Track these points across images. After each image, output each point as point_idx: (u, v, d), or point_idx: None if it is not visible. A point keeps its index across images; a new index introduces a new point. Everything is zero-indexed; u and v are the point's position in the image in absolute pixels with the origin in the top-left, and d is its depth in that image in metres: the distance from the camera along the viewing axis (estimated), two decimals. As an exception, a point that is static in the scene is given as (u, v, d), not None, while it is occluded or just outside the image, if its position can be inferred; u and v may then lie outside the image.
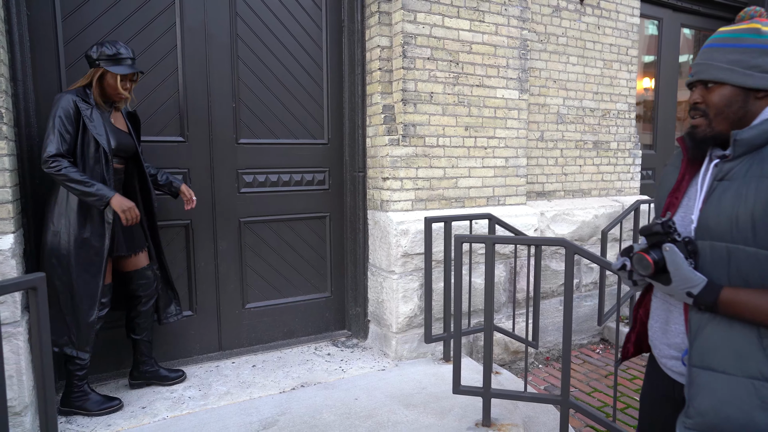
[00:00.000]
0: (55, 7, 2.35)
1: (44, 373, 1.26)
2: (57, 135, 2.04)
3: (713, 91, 1.05)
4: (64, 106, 2.06)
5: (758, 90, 1.02)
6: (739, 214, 0.97)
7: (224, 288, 2.88)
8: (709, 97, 1.06)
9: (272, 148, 2.93)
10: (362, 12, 2.99)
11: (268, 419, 2.24)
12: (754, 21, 1.05)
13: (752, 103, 1.03)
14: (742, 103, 1.03)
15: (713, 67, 1.05)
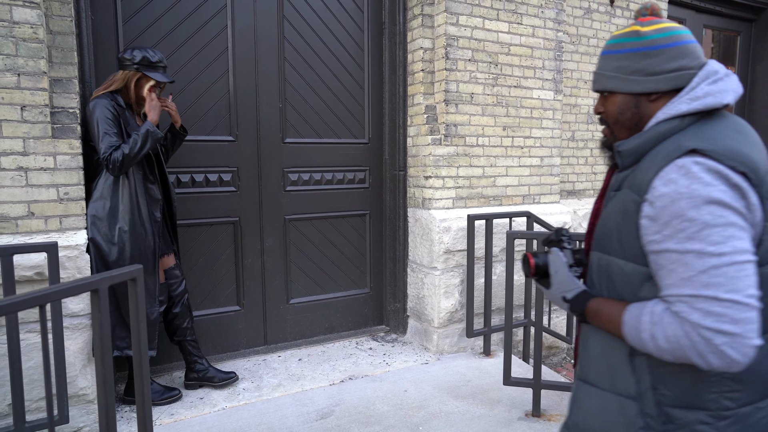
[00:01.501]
0: (116, 12, 2.43)
1: (104, 364, 1.32)
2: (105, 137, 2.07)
3: (608, 100, 1.02)
4: (105, 111, 2.08)
5: (649, 93, 0.96)
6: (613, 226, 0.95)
7: (270, 284, 2.96)
8: (606, 106, 1.03)
9: (316, 147, 3.01)
10: (404, 14, 3.06)
11: (323, 409, 2.31)
12: (635, 23, 0.99)
13: (646, 107, 0.97)
14: (636, 109, 0.98)
15: (603, 77, 1.02)
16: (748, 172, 0.82)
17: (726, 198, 0.81)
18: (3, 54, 1.90)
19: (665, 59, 0.94)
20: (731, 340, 0.78)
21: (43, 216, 2.03)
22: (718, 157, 0.83)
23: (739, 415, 0.87)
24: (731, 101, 0.91)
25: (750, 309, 0.79)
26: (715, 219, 0.80)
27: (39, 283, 1.94)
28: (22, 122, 1.96)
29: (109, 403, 1.35)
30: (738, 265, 0.79)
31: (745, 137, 0.89)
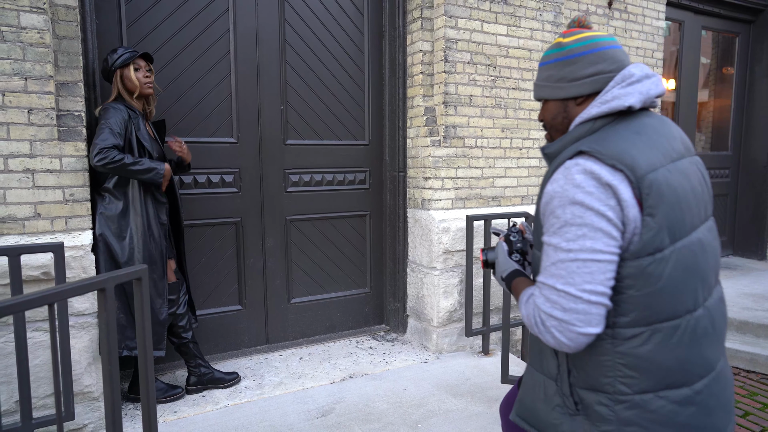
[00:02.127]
0: (120, 16, 2.47)
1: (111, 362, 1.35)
2: (110, 132, 2.06)
3: (544, 107, 1.12)
4: (116, 113, 2.10)
5: (575, 98, 1.05)
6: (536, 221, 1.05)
7: (271, 283, 3.00)
8: (543, 113, 1.13)
9: (317, 148, 3.05)
10: (403, 18, 3.10)
11: (324, 407, 2.35)
12: (559, 36, 1.09)
13: (573, 111, 1.06)
14: (565, 113, 1.07)
15: (537, 87, 1.13)
16: (625, 170, 0.89)
17: (588, 200, 0.89)
18: (11, 58, 1.94)
19: (584, 65, 1.03)
20: (559, 325, 0.90)
21: (50, 217, 2.07)
22: (600, 157, 0.91)
23: (636, 401, 0.92)
24: (634, 103, 0.96)
25: (581, 301, 0.88)
26: (573, 219, 0.90)
27: (45, 283, 1.98)
28: (29, 125, 2.00)
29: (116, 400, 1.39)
30: (580, 261, 0.88)
31: (642, 137, 0.95)
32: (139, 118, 2.23)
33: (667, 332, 0.91)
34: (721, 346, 0.99)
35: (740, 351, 3.19)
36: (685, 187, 0.94)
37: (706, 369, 0.94)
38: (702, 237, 0.96)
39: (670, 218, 0.90)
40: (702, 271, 0.94)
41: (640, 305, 0.90)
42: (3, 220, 1.99)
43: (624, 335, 0.92)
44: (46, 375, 2.00)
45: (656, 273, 0.89)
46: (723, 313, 1.01)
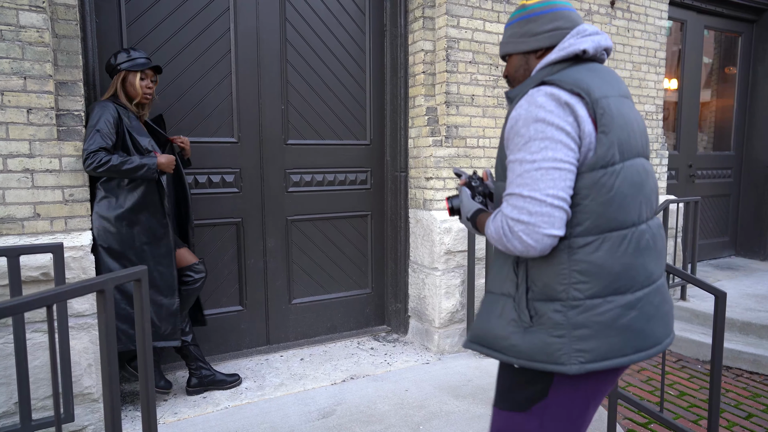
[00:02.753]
0: (120, 15, 2.46)
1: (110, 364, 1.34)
2: (98, 134, 2.03)
3: (508, 62, 1.25)
4: (105, 111, 2.08)
5: (535, 51, 1.18)
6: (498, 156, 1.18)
7: (272, 284, 2.98)
8: (507, 68, 1.26)
9: (318, 148, 3.04)
10: (405, 17, 3.08)
11: (325, 409, 2.34)
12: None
13: (533, 63, 1.20)
14: (527, 65, 1.21)
15: (503, 44, 1.26)
16: (582, 93, 1.03)
17: (549, 117, 1.01)
18: (10, 57, 1.93)
19: (544, 22, 1.17)
20: (526, 228, 1.00)
21: (49, 217, 2.06)
22: (559, 83, 1.04)
23: (587, 305, 1.03)
24: (588, 47, 1.11)
25: (545, 205, 0.99)
26: (536, 134, 1.01)
27: (44, 284, 1.97)
28: (28, 125, 1.99)
29: (115, 401, 1.38)
30: (544, 170, 0.99)
31: (595, 73, 1.09)
32: (129, 113, 2.20)
33: (616, 240, 1.03)
34: (662, 262, 1.13)
35: (743, 352, 3.17)
36: (631, 118, 1.08)
37: (648, 279, 1.07)
38: (645, 164, 1.10)
39: (620, 138, 1.03)
40: (646, 191, 1.08)
41: (594, 214, 1.02)
42: (2, 221, 1.98)
43: (578, 243, 1.03)
44: (46, 376, 1.99)
45: (608, 184, 1.02)
46: (662, 236, 1.15)
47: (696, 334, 3.43)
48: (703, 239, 5.09)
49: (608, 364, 1.03)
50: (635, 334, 1.04)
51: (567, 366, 1.02)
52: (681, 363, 3.27)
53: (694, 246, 3.84)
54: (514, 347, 1.08)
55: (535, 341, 1.06)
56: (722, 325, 1.89)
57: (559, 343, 1.03)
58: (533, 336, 1.06)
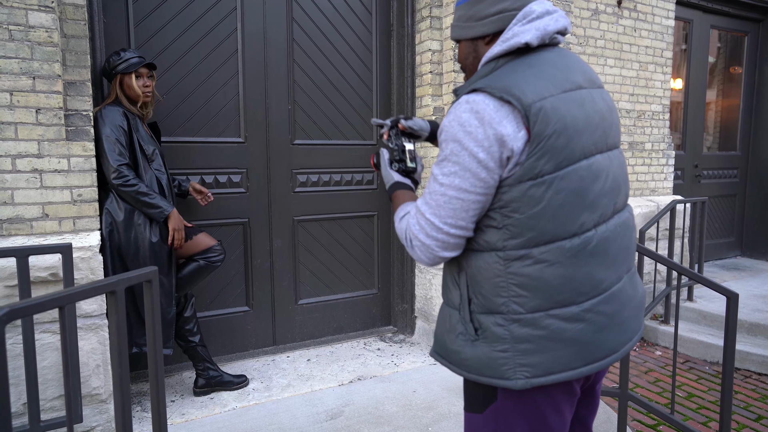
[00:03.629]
0: (128, 15, 2.45)
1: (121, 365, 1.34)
2: (118, 146, 2.08)
3: (459, 48, 1.16)
4: (115, 118, 2.10)
5: (483, 37, 1.08)
6: None
7: (279, 284, 2.97)
8: (458, 54, 1.17)
9: (324, 148, 3.03)
10: (412, 16, 3.07)
11: (333, 410, 2.33)
12: None
13: (482, 51, 1.10)
14: (475, 53, 1.11)
15: (451, 28, 1.16)
16: (512, 100, 0.95)
17: (466, 140, 0.96)
18: (19, 57, 1.92)
19: (489, 4, 1.06)
20: (422, 246, 1.04)
21: (57, 217, 2.05)
22: (491, 91, 0.96)
23: (528, 319, 0.99)
24: (530, 40, 1.01)
25: (442, 232, 1.01)
26: (451, 155, 0.99)
27: (53, 284, 1.96)
28: (37, 125, 1.98)
29: (126, 403, 1.37)
30: (448, 197, 0.99)
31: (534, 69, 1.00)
32: (136, 119, 2.21)
33: (552, 253, 0.98)
34: (618, 267, 1.05)
35: (752, 353, 3.15)
36: (577, 116, 0.98)
37: (596, 289, 1.01)
38: (595, 164, 1.01)
39: (556, 145, 0.96)
40: (590, 197, 1.00)
41: (524, 227, 0.98)
42: (11, 221, 1.98)
43: (512, 256, 0.99)
44: (54, 377, 1.98)
45: (537, 196, 0.96)
46: (622, 238, 1.07)
47: (704, 335, 3.41)
48: (709, 239, 5.07)
49: (555, 378, 0.99)
50: (583, 346, 1.00)
51: (512, 381, 0.99)
52: (689, 364, 3.25)
53: (701, 247, 3.82)
54: (464, 361, 1.06)
55: (481, 355, 1.03)
56: (734, 327, 1.88)
57: (503, 358, 1.00)
58: (478, 349, 1.03)
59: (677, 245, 4.00)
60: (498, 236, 1.00)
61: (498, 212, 1.00)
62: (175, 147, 2.62)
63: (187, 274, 2.31)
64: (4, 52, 1.90)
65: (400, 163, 1.23)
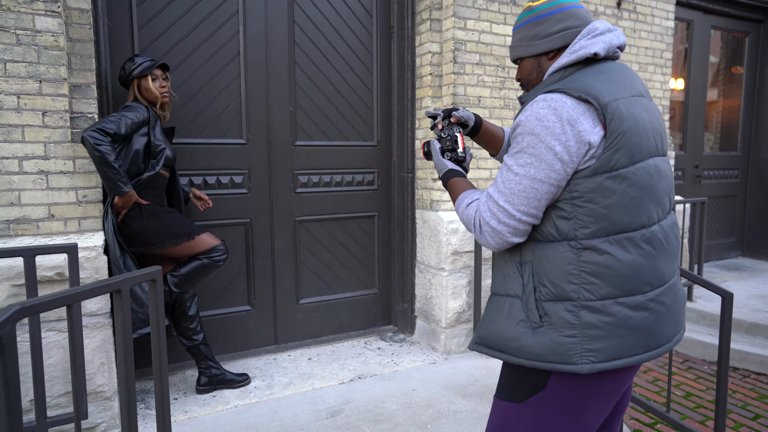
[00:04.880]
0: (132, 18, 2.49)
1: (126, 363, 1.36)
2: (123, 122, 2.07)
3: (520, 66, 1.25)
4: (137, 113, 2.16)
5: (547, 53, 1.18)
6: None
7: (280, 284, 3.01)
8: (520, 72, 1.25)
9: (325, 149, 3.06)
10: (412, 19, 3.10)
11: (333, 408, 2.36)
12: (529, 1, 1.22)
13: (546, 65, 1.19)
14: (539, 68, 1.21)
15: (513, 49, 1.25)
16: (590, 99, 1.03)
17: (543, 133, 1.03)
18: (26, 61, 1.96)
19: (553, 23, 1.16)
20: (492, 231, 1.09)
21: (63, 218, 2.09)
22: (568, 91, 1.04)
23: (598, 305, 1.04)
24: (599, 50, 1.10)
25: (514, 219, 1.07)
26: (528, 147, 1.05)
27: (59, 283, 2.00)
28: (44, 127, 2.02)
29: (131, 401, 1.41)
30: (522, 186, 1.05)
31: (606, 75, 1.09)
32: (157, 120, 2.27)
33: (624, 243, 1.04)
34: (674, 262, 1.13)
35: (750, 353, 3.17)
36: (644, 119, 1.07)
37: (659, 280, 1.07)
38: (659, 164, 1.09)
39: (630, 142, 1.03)
40: (657, 193, 1.08)
41: (599, 217, 1.03)
42: (18, 221, 2.02)
43: (586, 245, 1.04)
44: (60, 374, 2.02)
45: (612, 188, 1.02)
46: (676, 235, 1.14)
47: (703, 335, 3.43)
48: (709, 240, 5.08)
49: (618, 364, 1.04)
50: (646, 333, 1.05)
51: (579, 365, 1.03)
52: (687, 364, 3.27)
53: (701, 247, 3.84)
54: (524, 348, 1.09)
55: (546, 341, 1.06)
56: (729, 326, 1.90)
57: (571, 343, 1.04)
58: (543, 336, 1.07)
59: (677, 245, 4.02)
60: (570, 226, 1.05)
61: (569, 203, 1.05)
62: (178, 148, 2.66)
63: (188, 271, 2.34)
64: (12, 56, 1.94)
65: (452, 152, 1.29)
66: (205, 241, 2.36)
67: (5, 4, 1.91)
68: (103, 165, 2.02)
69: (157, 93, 2.27)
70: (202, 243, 2.35)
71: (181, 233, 2.29)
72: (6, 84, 1.95)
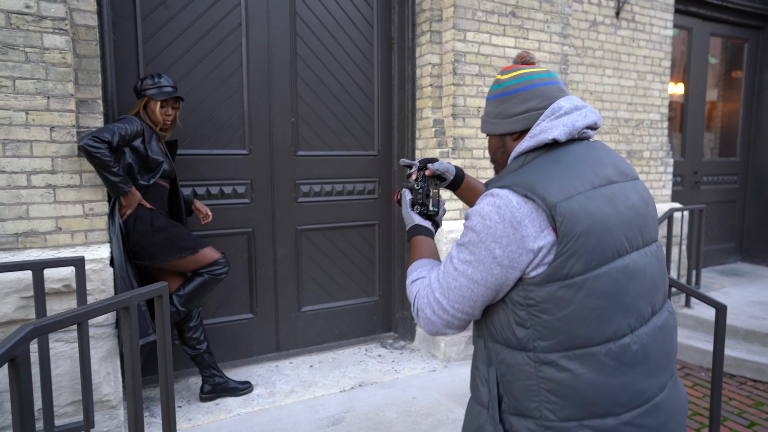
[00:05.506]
0: (137, 32, 2.54)
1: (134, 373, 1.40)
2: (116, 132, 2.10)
3: (489, 141, 1.17)
4: (130, 124, 2.20)
5: (511, 134, 1.09)
6: None
7: (282, 292, 3.05)
8: (488, 147, 1.18)
9: (327, 159, 3.10)
10: (413, 31, 3.15)
11: (335, 416, 2.40)
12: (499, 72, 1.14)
13: (510, 145, 1.10)
14: (503, 148, 1.12)
15: (482, 121, 1.18)
16: (537, 199, 0.92)
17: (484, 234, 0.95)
18: (34, 78, 2.01)
19: (517, 102, 1.07)
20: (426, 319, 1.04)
21: (70, 231, 2.14)
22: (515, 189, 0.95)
23: (560, 427, 0.93)
24: (557, 136, 1.00)
25: (447, 314, 1.02)
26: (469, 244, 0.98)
27: (66, 295, 2.05)
28: (51, 142, 2.07)
29: (138, 412, 1.45)
30: (458, 283, 0.99)
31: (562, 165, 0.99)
32: (152, 134, 2.31)
33: (585, 359, 0.91)
34: (660, 376, 0.97)
35: (747, 360, 3.20)
36: (607, 213, 0.94)
37: (636, 400, 0.93)
38: (631, 263, 0.95)
39: (587, 245, 0.91)
40: (626, 300, 0.93)
41: (554, 330, 0.92)
42: (26, 234, 2.06)
43: (544, 360, 0.93)
44: (67, 384, 2.07)
45: (566, 298, 0.91)
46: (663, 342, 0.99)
47: (700, 342, 3.46)
48: (709, 245, 5.11)
49: None
50: None
51: None
52: (685, 371, 3.30)
53: (698, 254, 3.87)
54: None
55: None
56: (722, 338, 1.94)
57: None
58: None
59: (675, 252, 4.05)
60: (528, 335, 0.95)
61: (525, 310, 0.95)
62: (181, 159, 2.70)
63: (192, 289, 2.39)
64: (21, 74, 1.99)
65: (423, 206, 1.24)
66: (208, 255, 2.41)
67: (14, 23, 1.96)
68: (101, 169, 2.07)
69: (159, 119, 2.31)
70: (204, 257, 2.40)
71: (185, 247, 2.33)
72: (15, 100, 1.99)
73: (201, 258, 2.38)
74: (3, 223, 2.03)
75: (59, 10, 2.03)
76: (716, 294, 4.19)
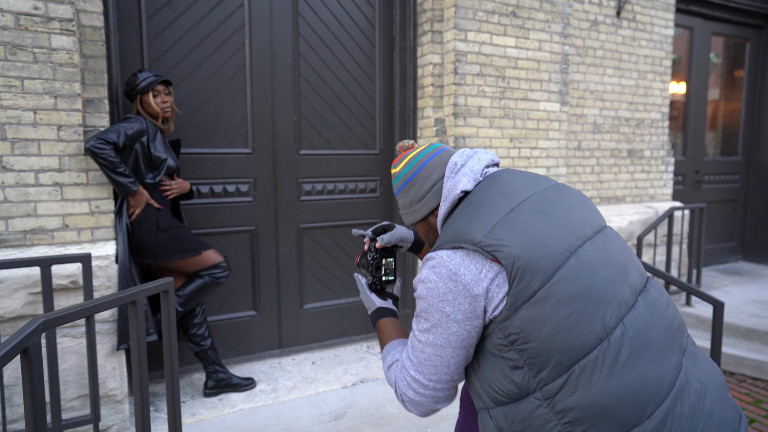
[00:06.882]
0: (142, 33, 2.57)
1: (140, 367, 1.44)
2: (121, 132, 2.14)
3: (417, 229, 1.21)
4: (134, 123, 2.23)
5: (431, 212, 1.14)
6: None
7: (285, 290, 3.09)
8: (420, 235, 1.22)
9: (329, 158, 3.14)
10: (414, 30, 3.17)
11: (336, 411, 2.43)
12: (391, 167, 1.19)
13: (434, 222, 1.15)
14: (431, 228, 1.17)
15: (403, 216, 1.22)
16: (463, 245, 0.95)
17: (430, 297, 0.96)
18: (42, 78, 2.05)
19: (420, 184, 1.13)
20: (412, 401, 1.03)
21: (77, 228, 2.18)
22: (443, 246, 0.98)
23: None
24: (465, 186, 1.05)
25: (429, 389, 1.00)
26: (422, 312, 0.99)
27: (73, 291, 2.08)
28: (58, 141, 2.11)
29: (145, 406, 1.48)
30: (426, 354, 0.99)
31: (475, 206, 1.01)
32: (157, 131, 2.34)
33: (588, 370, 0.86)
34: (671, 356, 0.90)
35: (747, 358, 3.22)
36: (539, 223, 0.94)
37: (658, 392, 0.86)
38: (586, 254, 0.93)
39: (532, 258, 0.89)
40: (597, 290, 0.90)
41: (546, 353, 0.87)
42: (34, 231, 2.10)
43: (552, 391, 0.88)
44: (74, 378, 2.10)
45: (539, 316, 0.87)
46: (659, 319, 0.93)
47: (701, 340, 3.48)
48: (710, 244, 5.13)
49: None
50: None
51: None
52: (685, 368, 3.32)
53: (699, 253, 3.89)
54: None
55: None
56: (720, 335, 1.96)
57: None
58: None
59: (676, 251, 4.07)
60: (525, 375, 0.89)
61: (512, 349, 0.90)
62: (185, 158, 2.74)
63: (192, 290, 2.42)
64: (29, 74, 2.03)
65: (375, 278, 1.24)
66: (210, 258, 2.45)
67: (23, 24, 2.00)
68: (108, 170, 2.11)
69: (157, 108, 2.33)
70: (206, 259, 2.43)
71: (188, 248, 2.36)
72: (23, 100, 2.03)
73: (203, 260, 2.42)
74: (12, 221, 2.07)
75: (67, 12, 2.07)
76: (717, 293, 4.21)
